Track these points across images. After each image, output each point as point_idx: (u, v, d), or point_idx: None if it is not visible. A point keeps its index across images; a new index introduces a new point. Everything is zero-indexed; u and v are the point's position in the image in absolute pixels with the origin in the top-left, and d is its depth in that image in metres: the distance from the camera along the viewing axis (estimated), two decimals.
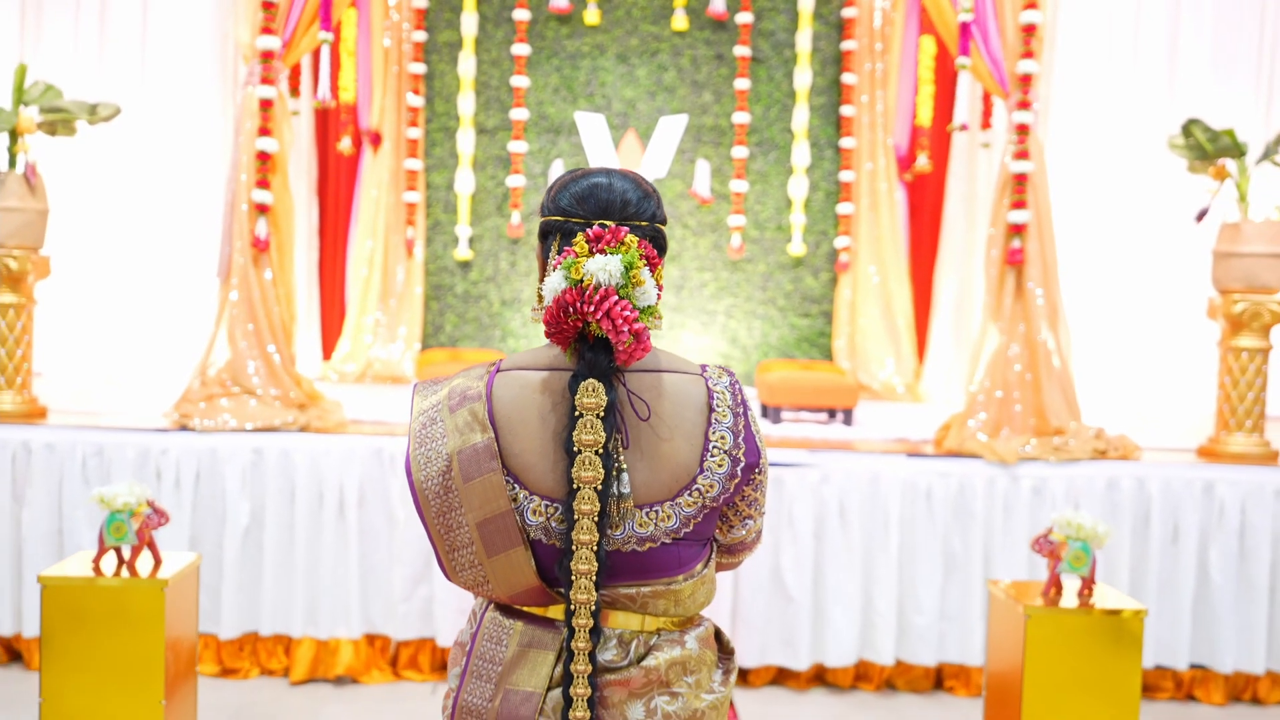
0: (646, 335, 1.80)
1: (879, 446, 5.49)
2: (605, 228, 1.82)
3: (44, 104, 5.43)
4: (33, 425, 5.24)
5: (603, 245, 1.80)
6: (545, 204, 1.92)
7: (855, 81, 7.99)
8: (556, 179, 1.93)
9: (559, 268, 1.81)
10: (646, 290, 1.81)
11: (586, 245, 1.80)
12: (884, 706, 5.10)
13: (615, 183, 1.90)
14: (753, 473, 1.91)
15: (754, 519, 2.00)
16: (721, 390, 1.92)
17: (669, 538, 1.83)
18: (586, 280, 1.77)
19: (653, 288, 1.81)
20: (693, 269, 8.22)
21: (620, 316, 1.76)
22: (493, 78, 8.20)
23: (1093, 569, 3.30)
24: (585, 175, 1.92)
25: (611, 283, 1.77)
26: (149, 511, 3.19)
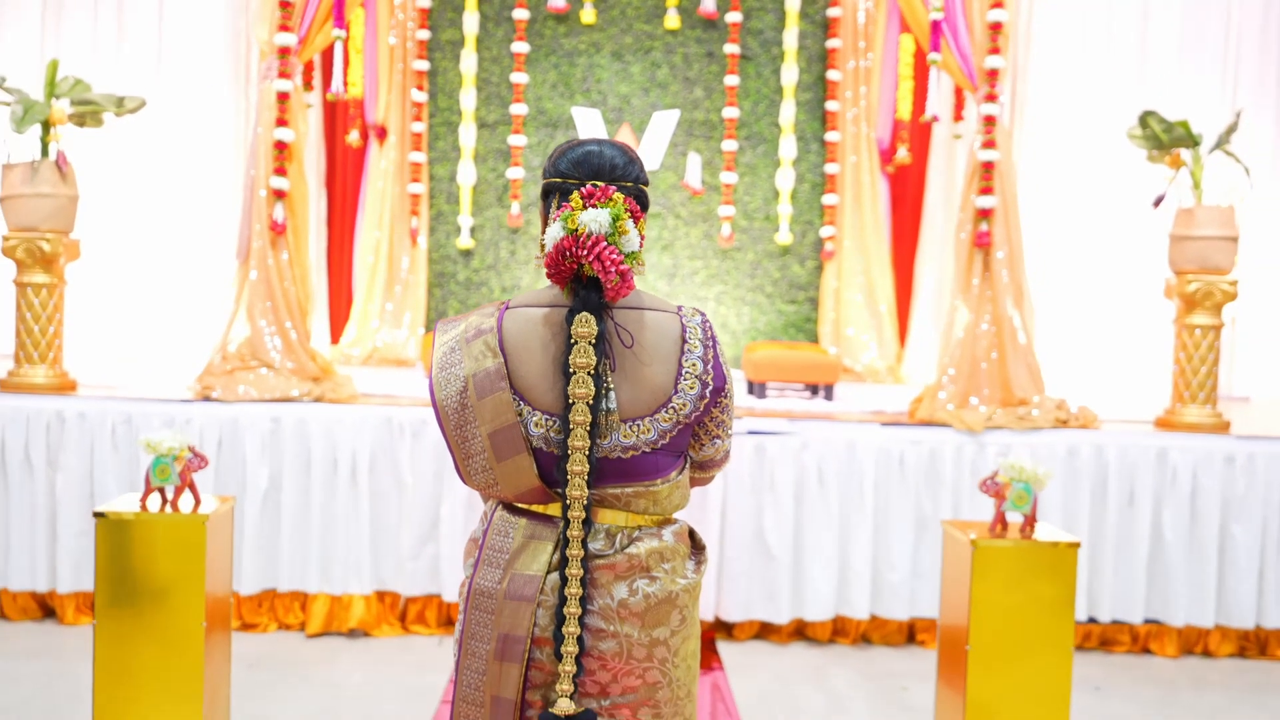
0: (630, 276, 2.14)
1: (856, 417, 5.85)
2: (597, 187, 2.17)
3: (74, 97, 5.79)
4: (65, 396, 5.59)
5: (594, 201, 2.15)
6: (547, 168, 2.27)
7: (840, 78, 8.36)
8: (556, 147, 2.28)
9: (558, 219, 2.16)
10: (630, 238, 2.15)
11: (581, 201, 2.15)
12: (860, 658, 5.47)
13: (605, 150, 2.26)
14: (719, 396, 2.26)
15: (721, 439, 2.34)
16: (694, 326, 2.26)
17: (649, 447, 2.19)
18: (580, 229, 2.12)
19: (635, 236, 2.16)
20: (684, 257, 8.58)
21: (609, 259, 2.10)
22: (493, 74, 8.56)
23: (1034, 508, 3.66)
24: (581, 144, 2.28)
25: (601, 231, 2.12)
26: (190, 456, 3.55)
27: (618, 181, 2.23)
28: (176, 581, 3.41)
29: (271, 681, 4.89)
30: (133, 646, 3.42)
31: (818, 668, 5.33)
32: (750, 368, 6.71)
